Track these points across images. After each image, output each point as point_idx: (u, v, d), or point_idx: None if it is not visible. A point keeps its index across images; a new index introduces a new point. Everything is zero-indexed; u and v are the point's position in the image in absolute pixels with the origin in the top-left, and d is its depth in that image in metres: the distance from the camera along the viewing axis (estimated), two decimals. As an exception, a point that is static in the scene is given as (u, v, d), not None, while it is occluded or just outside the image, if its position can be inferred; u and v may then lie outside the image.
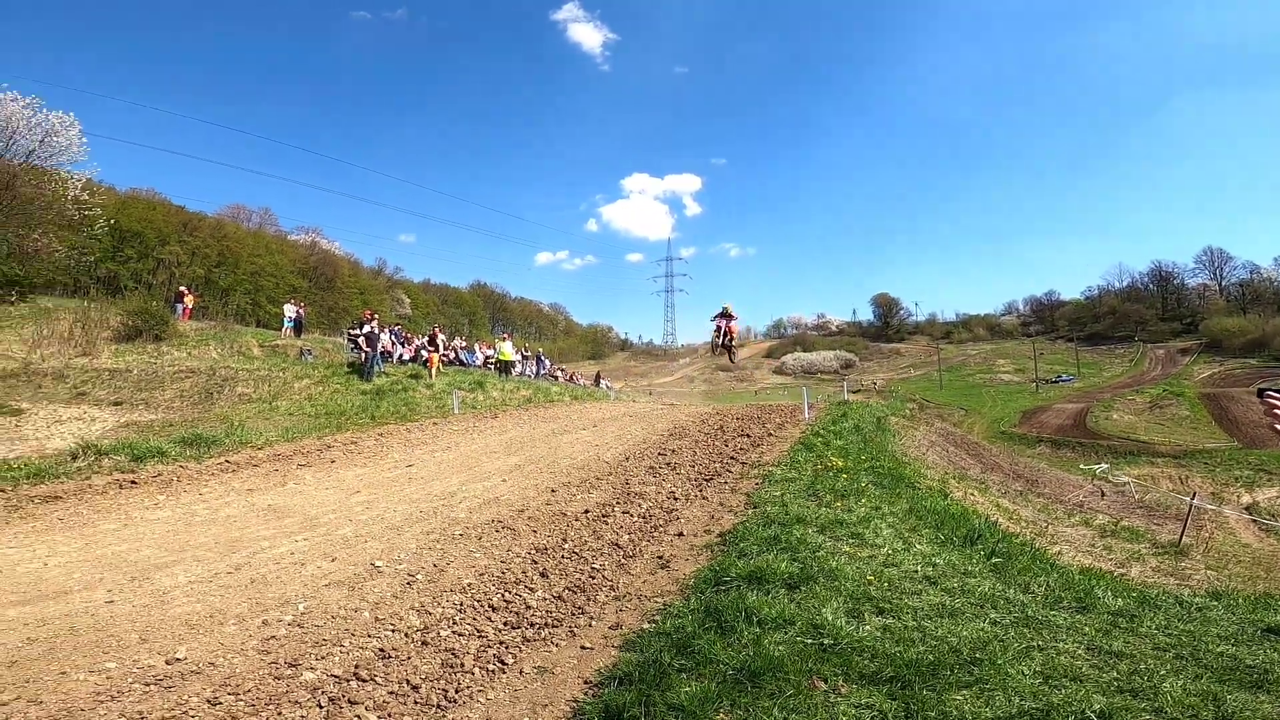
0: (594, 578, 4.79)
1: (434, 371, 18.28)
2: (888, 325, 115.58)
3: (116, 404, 17.24)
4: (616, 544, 5.50)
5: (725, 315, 17.85)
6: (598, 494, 7.26)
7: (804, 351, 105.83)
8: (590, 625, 4.01)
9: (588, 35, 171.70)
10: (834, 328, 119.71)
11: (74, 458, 8.80)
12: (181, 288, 27.55)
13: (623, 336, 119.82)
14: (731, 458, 9.02)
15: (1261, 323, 74.62)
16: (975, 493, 10.78)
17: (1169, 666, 3.32)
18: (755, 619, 3.58)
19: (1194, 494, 15.55)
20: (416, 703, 3.17)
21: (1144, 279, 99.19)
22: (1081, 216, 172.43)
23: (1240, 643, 3.73)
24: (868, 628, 3.57)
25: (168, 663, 3.48)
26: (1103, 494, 17.49)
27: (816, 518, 5.67)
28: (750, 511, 6.12)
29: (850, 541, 5.14)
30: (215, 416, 14.91)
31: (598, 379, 37.11)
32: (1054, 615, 4.03)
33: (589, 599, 4.42)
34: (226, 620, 4.06)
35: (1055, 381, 73.11)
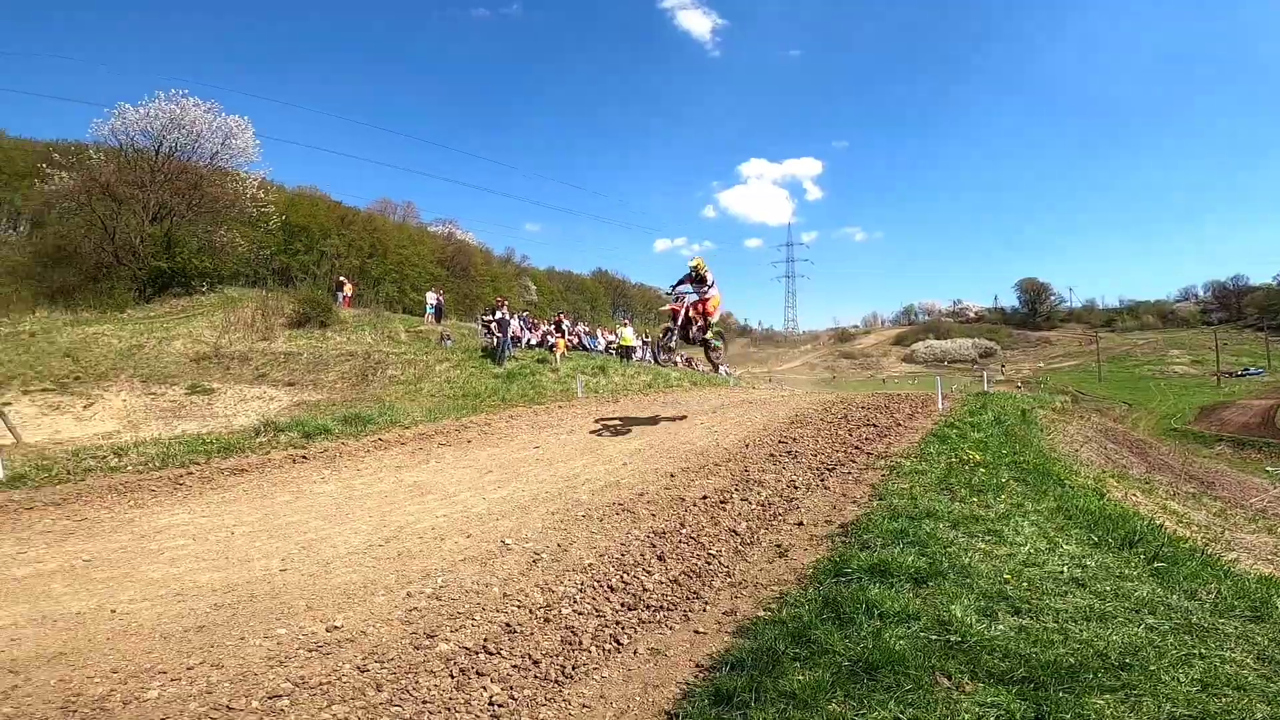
0: (710, 564, 4.81)
1: (559, 356, 19.00)
2: (1034, 312, 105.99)
3: (290, 384, 19.44)
4: (734, 531, 5.49)
5: (696, 280, 10.37)
6: (716, 480, 7.26)
7: (937, 339, 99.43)
8: (704, 610, 4.03)
9: (696, 22, 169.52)
10: (972, 314, 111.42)
11: (256, 434, 10.04)
12: (341, 277, 30.37)
13: (742, 323, 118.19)
14: (856, 447, 8.69)
15: None
16: (1138, 493, 9.68)
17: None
18: (876, 612, 3.45)
19: None
20: (537, 677, 3.33)
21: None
22: (1274, 197, 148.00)
23: None
24: (1001, 627, 3.34)
25: (328, 630, 3.84)
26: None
27: (949, 513, 5.36)
28: (875, 503, 5.88)
29: (986, 539, 4.82)
30: (370, 397, 16.41)
31: (717, 366, 36.94)
32: (1222, 623, 3.58)
33: (704, 584, 4.45)
34: (377, 591, 4.44)
35: (1241, 375, 64.06)
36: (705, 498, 6.46)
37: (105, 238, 28.24)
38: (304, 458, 8.94)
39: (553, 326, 22.21)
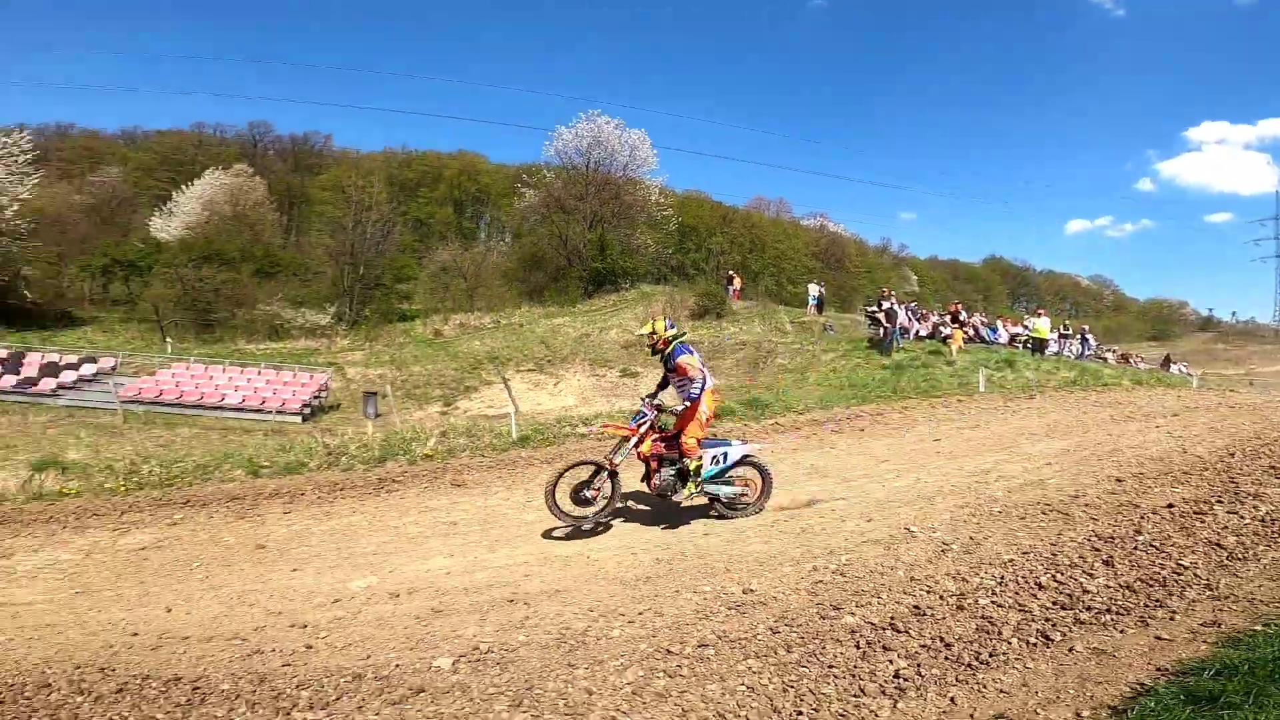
0: (1180, 574, 4.14)
1: (955, 349, 17.57)
2: None
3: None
4: (1217, 544, 4.58)
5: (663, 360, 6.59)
6: (1186, 489, 6.05)
7: None
8: (1171, 619, 3.56)
9: None
10: None
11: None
12: (730, 271, 33.22)
13: (1203, 313, 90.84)
14: None
15: None
16: None
17: None
18: None
19: None
20: (947, 658, 3.34)
21: None
22: None
23: None
24: None
25: (744, 592, 4.36)
26: None
27: None
28: None
29: None
30: (762, 384, 17.67)
31: (1167, 362, 29.49)
32: None
33: (1170, 593, 3.89)
34: (784, 562, 4.87)
35: None
36: (1170, 506, 5.50)
37: (560, 244, 36.22)
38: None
39: (948, 316, 20.58)
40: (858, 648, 3.53)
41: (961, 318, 20.59)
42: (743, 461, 6.06)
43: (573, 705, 3.12)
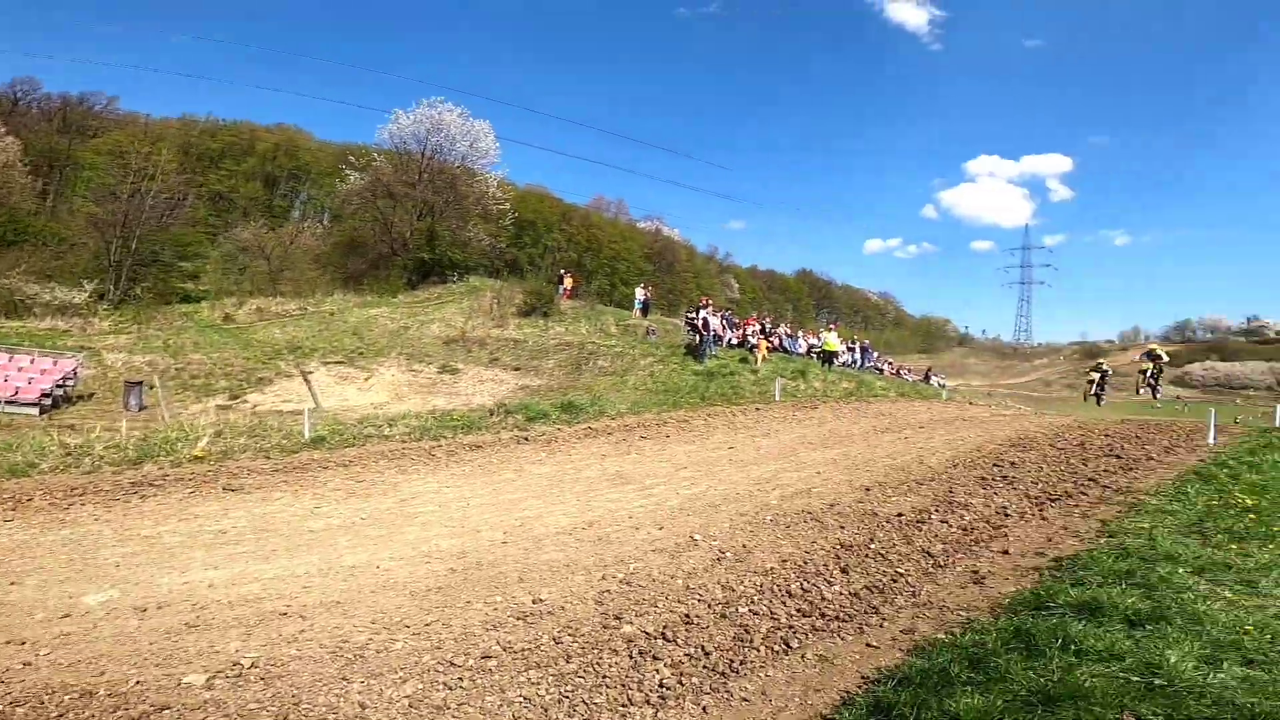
0: (895, 581, 4.72)
1: (760, 359, 19.04)
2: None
3: (516, 369, 21.88)
4: (927, 552, 5.29)
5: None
6: (915, 498, 6.97)
7: (1221, 361, 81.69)
8: (881, 626, 4.03)
9: (910, 14, 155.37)
10: (1273, 333, 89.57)
11: (491, 414, 11.53)
12: (564, 270, 33.35)
13: (962, 330, 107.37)
14: (1090, 479, 7.76)
15: None
16: None
17: None
18: (1074, 648, 3.20)
19: None
20: (706, 667, 3.58)
21: None
22: None
23: None
24: (1222, 676, 2.92)
25: (534, 602, 4.38)
26: None
27: (1195, 558, 4.65)
28: (1103, 540, 5.28)
29: (1236, 588, 4.14)
30: (582, 386, 17.90)
31: (928, 375, 34.25)
32: None
33: (886, 601, 4.41)
34: (577, 571, 4.97)
35: None
36: (900, 515, 6.27)
37: (384, 231, 34.13)
38: (525, 439, 10.10)
39: (758, 328, 22.26)
40: (631, 657, 3.66)
41: (767, 329, 22.39)
42: None
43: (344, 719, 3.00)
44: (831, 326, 24.43)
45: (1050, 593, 4.04)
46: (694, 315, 20.38)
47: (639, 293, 28.44)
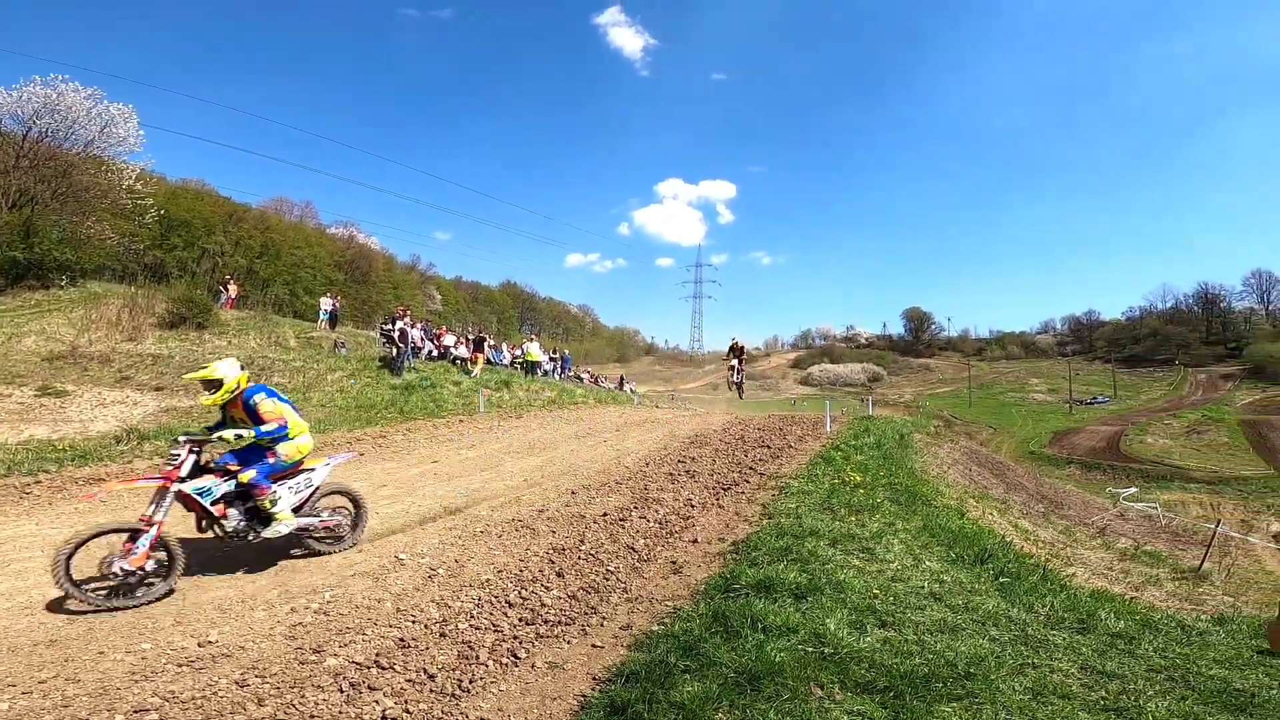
0: (608, 579, 4.95)
1: (478, 370, 18.59)
2: (918, 340, 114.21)
3: (158, 389, 17.85)
4: (632, 548, 5.66)
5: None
6: (617, 498, 7.43)
7: (831, 363, 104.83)
8: (602, 625, 4.16)
9: (629, 40, 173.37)
10: (863, 340, 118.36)
11: (118, 441, 9.26)
12: (226, 276, 28.45)
13: (649, 340, 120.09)
14: (750, 468, 9.12)
15: (1310, 350, 71.92)
16: (994, 513, 10.71)
17: (1158, 688, 3.39)
18: (761, 625, 3.71)
19: (1219, 520, 15.21)
20: (433, 691, 3.33)
21: (1189, 301, 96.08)
22: (1129, 235, 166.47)
23: (1233, 667, 3.79)
24: (869, 639, 3.68)
25: (200, 645, 3.71)
26: (1123, 516, 17.19)
27: (829, 531, 5.77)
28: (765, 522, 6.23)
29: (861, 556, 5.24)
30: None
31: (621, 382, 37.34)
32: (1053, 635, 4.10)
33: (602, 599, 4.58)
34: (256, 607, 4.30)
35: (1090, 403, 71.48)
36: (605, 515, 6.60)
37: (-49, 222, 25.19)
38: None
39: (474, 342, 21.73)
40: (342, 691, 3.25)
41: (486, 344, 22.06)
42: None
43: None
44: (533, 338, 24.98)
45: (735, 575, 4.62)
46: (389, 327, 19.16)
47: (325, 302, 25.71)
